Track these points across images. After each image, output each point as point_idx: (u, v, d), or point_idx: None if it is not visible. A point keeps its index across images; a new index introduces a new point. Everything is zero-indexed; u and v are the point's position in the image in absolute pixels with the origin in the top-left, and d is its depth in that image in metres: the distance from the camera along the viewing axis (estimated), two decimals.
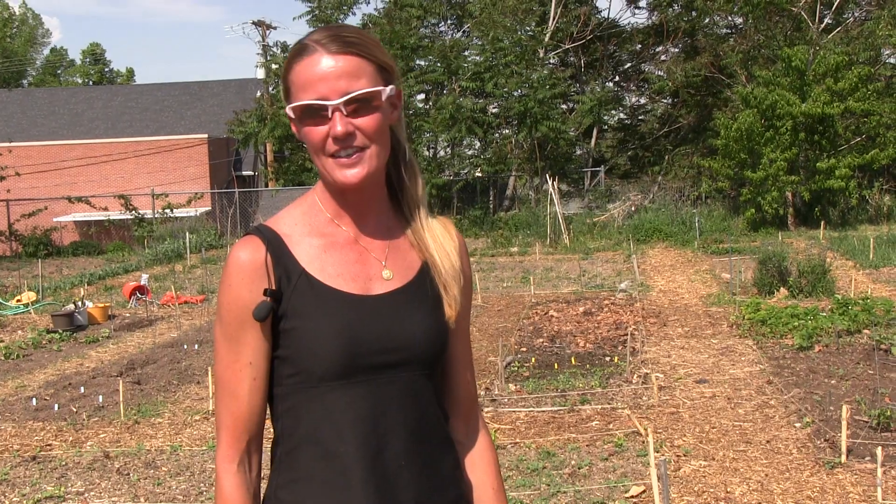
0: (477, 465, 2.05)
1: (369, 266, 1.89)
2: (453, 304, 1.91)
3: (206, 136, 34.17)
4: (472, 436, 2.07)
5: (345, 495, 1.82)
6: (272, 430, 1.95)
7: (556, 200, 24.69)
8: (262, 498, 1.93)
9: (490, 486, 2.05)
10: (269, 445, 1.96)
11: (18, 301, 16.98)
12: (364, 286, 1.87)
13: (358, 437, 1.82)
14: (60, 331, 13.64)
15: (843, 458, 6.60)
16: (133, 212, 29.98)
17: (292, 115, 1.84)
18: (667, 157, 33.45)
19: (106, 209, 30.83)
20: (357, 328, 1.82)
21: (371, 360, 1.82)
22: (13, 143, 31.39)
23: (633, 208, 27.58)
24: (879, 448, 5.87)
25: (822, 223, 23.03)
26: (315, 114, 1.80)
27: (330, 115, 1.79)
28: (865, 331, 10.80)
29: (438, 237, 1.94)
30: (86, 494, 6.73)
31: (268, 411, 1.91)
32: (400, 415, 1.85)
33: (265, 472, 1.94)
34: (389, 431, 1.84)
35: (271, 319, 1.83)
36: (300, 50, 1.82)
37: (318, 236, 1.89)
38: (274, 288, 1.82)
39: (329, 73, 1.78)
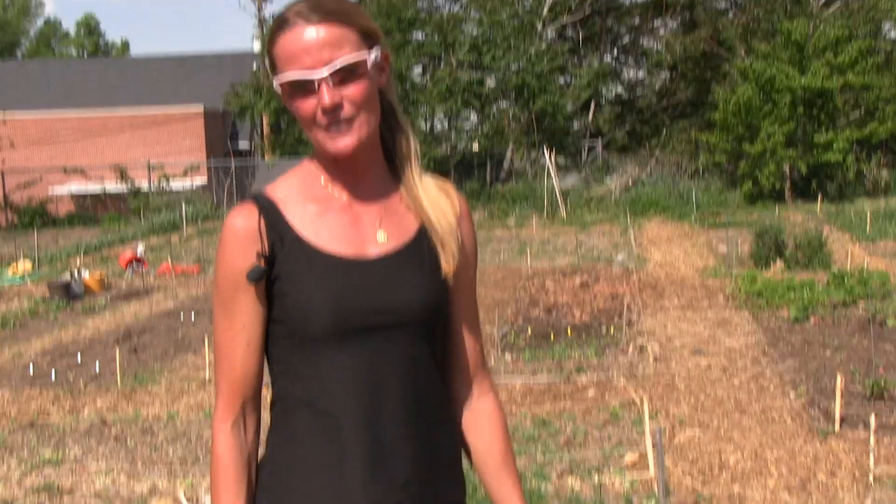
0: (483, 426, 2.03)
1: (364, 230, 1.89)
2: (451, 260, 1.90)
3: (201, 108, 34.02)
4: (478, 398, 2.04)
5: (334, 457, 1.83)
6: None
7: (553, 174, 24.68)
8: (260, 458, 1.95)
9: (497, 449, 2.02)
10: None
11: (14, 271, 16.97)
12: (358, 250, 1.87)
13: (350, 397, 1.83)
14: (57, 300, 13.65)
15: (837, 427, 6.63)
16: (129, 183, 29.92)
17: (279, 90, 1.84)
18: (664, 131, 33.41)
19: (102, 180, 30.75)
20: (349, 291, 1.83)
21: (364, 321, 1.82)
22: (7, 114, 31.23)
23: (630, 182, 27.57)
24: (873, 416, 5.90)
25: (820, 197, 23.04)
26: (302, 87, 1.80)
27: (317, 88, 1.79)
28: (861, 303, 10.83)
29: (433, 196, 1.93)
30: (83, 459, 6.75)
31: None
32: (395, 377, 1.85)
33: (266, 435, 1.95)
34: (384, 393, 1.84)
35: (265, 283, 1.84)
36: (281, 23, 1.81)
37: (312, 202, 1.89)
38: (267, 252, 1.83)
39: (311, 45, 1.77)
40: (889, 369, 8.01)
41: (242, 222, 1.85)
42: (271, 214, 1.86)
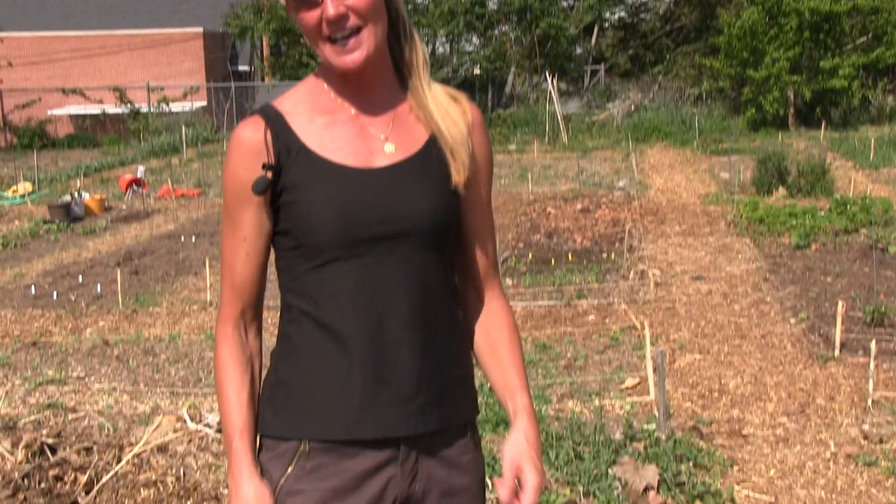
0: (490, 323, 2.02)
1: (371, 141, 1.86)
2: (461, 169, 1.87)
3: (201, 30, 33.64)
4: (488, 302, 2.03)
5: (339, 368, 1.82)
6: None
7: (555, 99, 24.49)
8: (266, 372, 1.94)
9: (503, 343, 2.01)
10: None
11: (14, 192, 16.93)
12: (365, 160, 1.84)
13: (356, 309, 1.81)
14: (57, 222, 13.62)
15: (837, 352, 6.66)
16: (128, 105, 29.69)
17: (284, 1, 1.81)
18: (668, 57, 33.04)
19: (101, 102, 30.50)
20: (355, 200, 1.80)
21: (370, 231, 1.80)
22: (4, 33, 30.85)
23: (632, 107, 27.35)
24: (873, 341, 5.92)
25: (823, 124, 22.86)
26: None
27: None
28: (863, 230, 10.81)
29: (443, 104, 1.90)
30: (86, 379, 6.79)
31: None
32: (401, 289, 1.83)
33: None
34: (390, 305, 1.82)
35: (271, 195, 1.82)
36: None
37: (320, 114, 1.87)
38: (273, 163, 1.80)
39: None
40: (890, 296, 8.02)
41: (249, 134, 1.83)
42: (278, 126, 1.84)
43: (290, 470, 1.85)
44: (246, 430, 1.87)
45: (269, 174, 1.81)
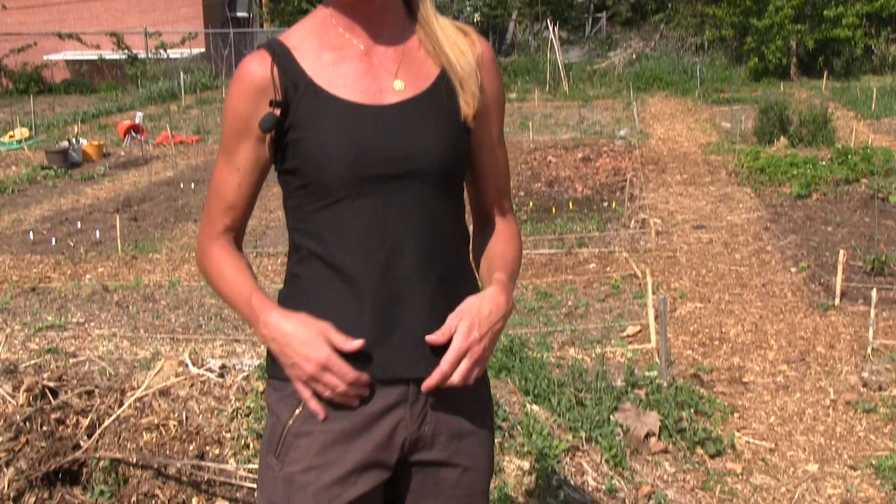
0: (491, 244, 1.99)
1: (380, 78, 1.82)
2: (471, 100, 1.84)
3: None
4: (491, 229, 2.01)
5: (348, 309, 1.79)
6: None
7: (556, 47, 24.29)
8: None
9: (497, 253, 1.97)
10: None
11: (11, 137, 16.84)
12: (374, 97, 1.80)
13: (364, 249, 1.78)
14: (55, 167, 13.56)
15: (837, 300, 6.66)
16: (125, 51, 29.42)
17: None
18: (670, 5, 32.72)
19: (98, 47, 30.22)
20: (364, 137, 1.76)
21: (379, 169, 1.76)
22: None
23: (633, 56, 27.16)
24: (874, 290, 5.91)
25: (826, 73, 22.71)
26: None
27: None
28: (864, 180, 10.77)
29: (451, 35, 1.85)
30: (86, 325, 6.79)
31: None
32: (410, 228, 1.79)
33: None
34: (399, 245, 1.79)
35: (276, 132, 1.79)
36: None
37: (327, 49, 1.82)
38: (279, 98, 1.77)
39: None
40: (890, 245, 8.00)
41: (255, 69, 1.79)
42: (285, 61, 1.79)
43: (297, 412, 1.82)
44: (259, 291, 1.83)
45: (278, 111, 1.77)
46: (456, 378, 1.79)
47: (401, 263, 1.79)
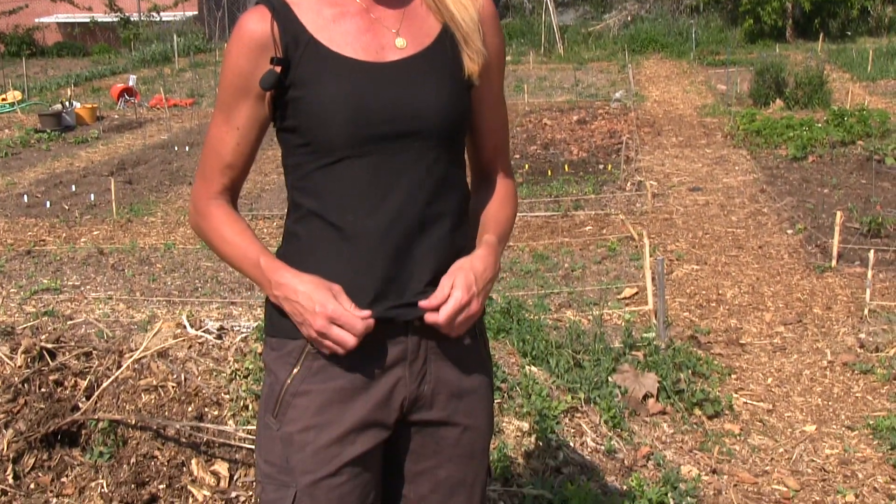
0: (486, 202, 1.98)
1: (381, 36, 1.79)
2: (474, 56, 1.81)
3: None
4: (488, 189, 1.99)
5: (350, 267, 1.77)
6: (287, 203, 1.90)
7: (551, 9, 24.12)
8: None
9: (491, 213, 1.96)
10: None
11: (3, 100, 16.73)
12: (376, 55, 1.77)
13: (365, 209, 1.76)
14: (48, 130, 13.48)
15: (834, 262, 6.66)
16: (118, 13, 29.19)
17: None
18: None
19: (90, 10, 29.98)
20: (366, 95, 1.74)
21: (381, 129, 1.74)
22: None
23: (628, 18, 26.98)
24: (871, 251, 5.91)
25: (821, 35, 22.60)
26: None
27: None
28: (860, 142, 10.74)
29: None
30: (82, 288, 6.77)
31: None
32: (412, 187, 1.77)
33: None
34: (401, 204, 1.77)
35: (277, 90, 1.76)
36: None
37: (327, 5, 1.79)
38: (281, 56, 1.74)
39: None
40: (886, 206, 7.99)
41: (254, 25, 1.76)
42: (285, 17, 1.76)
43: (296, 370, 1.81)
44: (267, 252, 1.81)
45: (278, 69, 1.74)
46: (454, 333, 1.79)
47: (402, 222, 1.77)
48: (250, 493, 3.06)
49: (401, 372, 1.82)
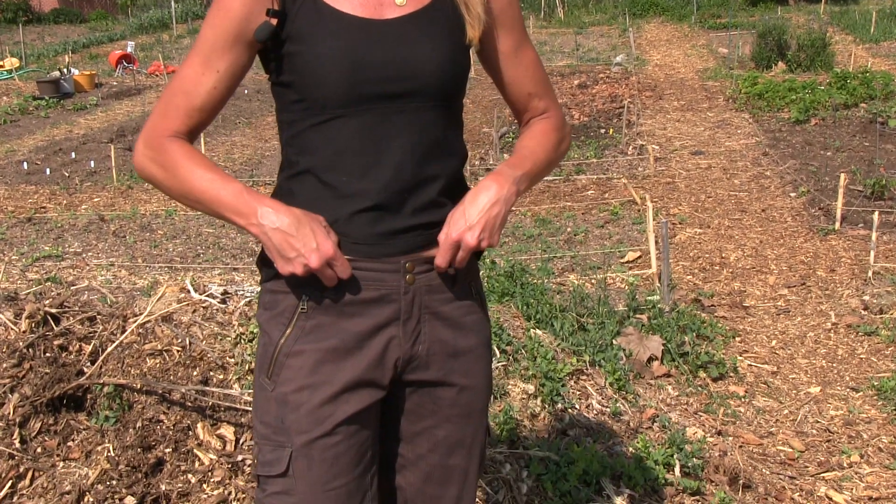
0: (524, 136, 1.95)
1: None
2: (476, 23, 1.77)
3: None
4: (527, 128, 1.97)
5: (341, 220, 1.74)
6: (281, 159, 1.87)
7: None
8: None
9: (524, 142, 1.93)
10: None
11: (1, 67, 16.65)
12: (374, 11, 1.73)
13: (359, 168, 1.72)
14: (47, 97, 13.42)
15: (837, 224, 6.64)
16: None
17: None
18: None
19: None
20: (363, 52, 1.69)
21: (378, 87, 1.70)
22: None
23: None
24: (876, 213, 5.88)
25: None
26: None
27: None
28: (863, 104, 10.70)
29: None
30: (84, 255, 6.76)
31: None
32: (407, 146, 1.73)
33: None
34: (395, 163, 1.73)
35: (272, 43, 1.71)
36: None
37: None
38: (277, 8, 1.69)
39: None
40: (890, 169, 7.96)
41: None
42: None
43: (289, 331, 1.79)
44: (247, 187, 1.73)
45: (274, 21, 1.68)
46: (451, 269, 1.79)
47: (396, 182, 1.74)
48: None
49: (394, 331, 1.80)
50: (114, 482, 3.01)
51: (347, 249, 1.75)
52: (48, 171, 9.18)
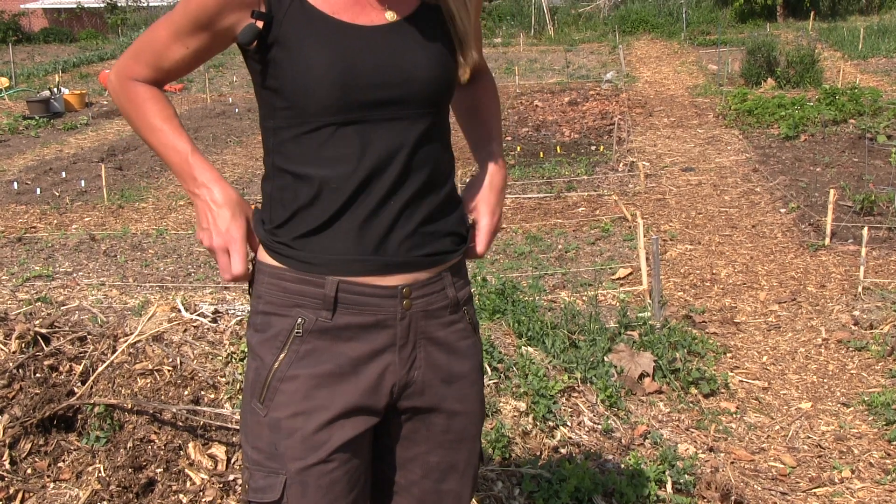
0: (473, 96, 2.01)
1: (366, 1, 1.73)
2: (462, 38, 1.79)
3: None
4: (474, 83, 2.00)
5: (333, 232, 1.71)
6: (264, 167, 1.85)
7: None
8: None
9: (483, 108, 2.01)
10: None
11: None
12: (363, 17, 1.70)
13: (349, 176, 1.69)
14: (37, 117, 13.42)
15: (827, 240, 6.66)
16: None
17: None
18: None
19: None
20: (353, 59, 1.66)
21: (367, 95, 1.67)
22: None
23: None
24: (865, 228, 5.90)
25: (812, 14, 22.59)
26: None
27: None
28: (852, 120, 10.75)
29: None
30: (74, 274, 6.74)
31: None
32: (400, 156, 1.70)
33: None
34: (384, 172, 1.70)
35: (259, 46, 1.67)
36: None
37: None
38: (264, 10, 1.66)
39: None
40: (879, 184, 8.00)
41: None
42: None
43: (282, 355, 1.75)
44: (196, 150, 1.76)
45: (260, 24, 1.65)
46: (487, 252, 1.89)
47: (384, 188, 1.72)
48: None
49: (390, 357, 1.78)
50: (105, 503, 3.00)
51: (339, 268, 1.73)
52: (38, 190, 9.17)
